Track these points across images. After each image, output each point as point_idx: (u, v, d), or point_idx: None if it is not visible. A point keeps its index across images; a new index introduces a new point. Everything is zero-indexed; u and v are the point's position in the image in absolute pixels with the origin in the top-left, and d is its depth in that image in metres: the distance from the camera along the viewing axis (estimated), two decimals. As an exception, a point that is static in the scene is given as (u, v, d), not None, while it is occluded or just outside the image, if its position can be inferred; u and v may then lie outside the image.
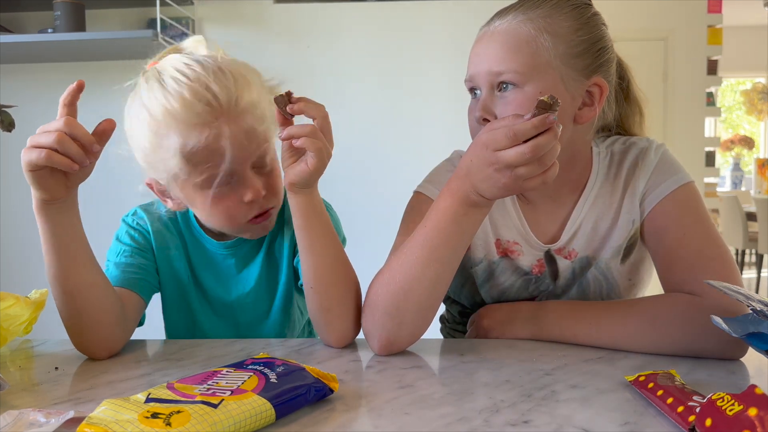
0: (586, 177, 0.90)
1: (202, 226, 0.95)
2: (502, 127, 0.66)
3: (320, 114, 0.75)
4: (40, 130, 0.69)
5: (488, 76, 0.82)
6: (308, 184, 0.77)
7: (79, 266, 0.76)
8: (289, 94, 0.75)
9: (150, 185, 0.88)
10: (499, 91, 0.81)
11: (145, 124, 0.79)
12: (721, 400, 0.48)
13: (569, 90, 0.81)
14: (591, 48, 0.83)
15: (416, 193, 0.93)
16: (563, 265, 0.90)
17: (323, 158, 0.75)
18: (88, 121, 0.72)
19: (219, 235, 0.94)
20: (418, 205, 0.91)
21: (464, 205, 0.72)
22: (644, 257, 0.92)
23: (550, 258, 0.90)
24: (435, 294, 0.77)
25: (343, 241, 0.95)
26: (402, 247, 0.77)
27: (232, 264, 0.95)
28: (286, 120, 0.76)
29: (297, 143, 0.74)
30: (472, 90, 0.87)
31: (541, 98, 0.65)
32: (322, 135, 0.74)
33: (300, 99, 0.75)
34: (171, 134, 0.78)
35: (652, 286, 0.95)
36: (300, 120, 0.77)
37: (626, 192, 0.88)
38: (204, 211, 0.85)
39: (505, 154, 0.65)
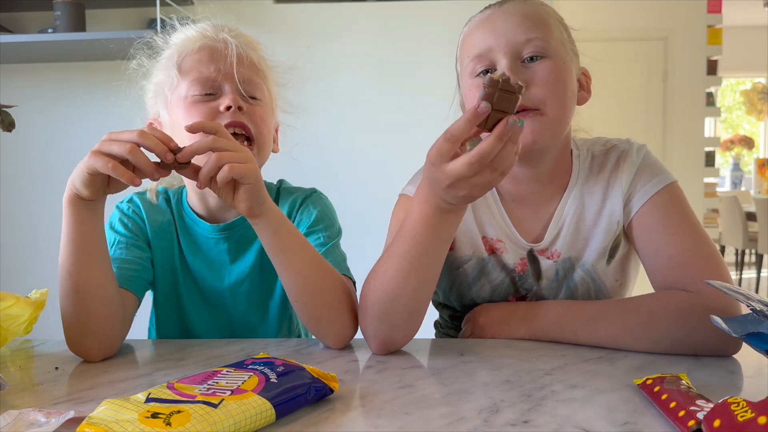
0: (567, 177, 0.90)
1: (194, 210, 0.95)
2: (440, 137, 0.64)
3: (212, 142, 0.70)
4: (109, 137, 0.69)
5: (513, 46, 0.80)
6: (259, 202, 0.74)
7: (95, 264, 0.76)
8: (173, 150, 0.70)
9: (151, 124, 0.92)
10: (526, 61, 0.81)
11: (161, 60, 0.92)
12: (736, 404, 0.47)
13: (575, 72, 0.86)
14: (572, 39, 0.88)
15: (401, 196, 0.93)
16: (546, 265, 0.90)
17: (251, 175, 0.71)
18: (88, 119, 0.72)
19: (212, 221, 0.94)
20: (403, 208, 0.91)
21: (437, 212, 0.70)
22: (629, 257, 0.92)
23: (532, 257, 0.90)
24: (421, 298, 0.77)
25: (339, 232, 0.95)
26: (385, 255, 0.78)
27: (224, 249, 0.94)
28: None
29: (220, 177, 0.70)
30: (481, 72, 0.83)
31: (492, 77, 0.60)
32: (231, 153, 0.70)
33: (183, 149, 0.70)
34: (175, 53, 0.89)
35: (638, 286, 0.96)
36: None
37: (608, 193, 0.88)
38: (181, 122, 0.84)
39: (454, 167, 0.63)
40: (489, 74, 0.61)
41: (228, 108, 0.85)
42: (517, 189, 0.90)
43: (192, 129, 0.72)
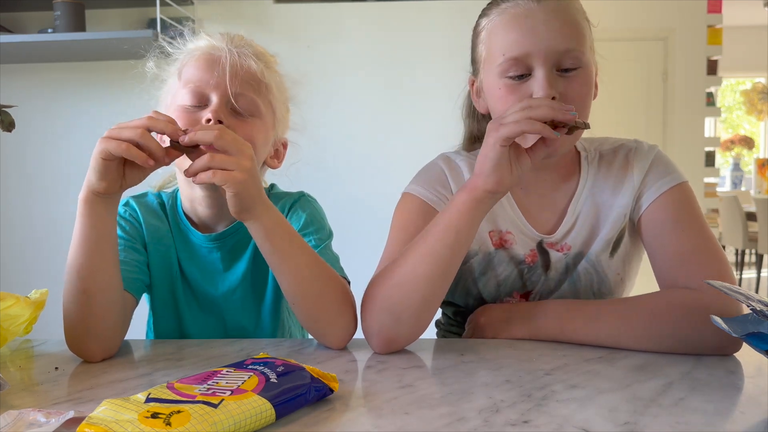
0: (573, 173, 0.92)
1: (189, 218, 0.95)
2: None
3: (213, 137, 0.70)
4: (117, 126, 0.71)
5: (553, 55, 0.80)
6: (244, 209, 0.74)
7: (105, 265, 0.76)
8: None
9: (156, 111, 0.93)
10: (562, 70, 0.81)
11: (173, 65, 0.92)
12: None
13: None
14: (593, 38, 0.87)
15: (404, 194, 0.94)
16: (555, 257, 0.91)
17: (235, 184, 0.70)
18: (88, 119, 0.73)
19: (204, 228, 0.94)
20: (406, 206, 0.91)
21: (471, 198, 0.74)
22: (632, 252, 0.93)
23: (542, 249, 0.91)
24: (432, 291, 0.77)
25: (330, 234, 0.95)
26: (404, 250, 0.79)
27: (217, 258, 0.94)
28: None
29: (196, 181, 0.70)
30: (515, 76, 0.81)
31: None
32: (223, 158, 0.70)
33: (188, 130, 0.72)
34: (182, 60, 0.89)
35: (641, 284, 0.96)
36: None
37: (618, 188, 0.90)
38: None
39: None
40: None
41: (208, 121, 0.83)
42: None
43: (187, 141, 0.71)
